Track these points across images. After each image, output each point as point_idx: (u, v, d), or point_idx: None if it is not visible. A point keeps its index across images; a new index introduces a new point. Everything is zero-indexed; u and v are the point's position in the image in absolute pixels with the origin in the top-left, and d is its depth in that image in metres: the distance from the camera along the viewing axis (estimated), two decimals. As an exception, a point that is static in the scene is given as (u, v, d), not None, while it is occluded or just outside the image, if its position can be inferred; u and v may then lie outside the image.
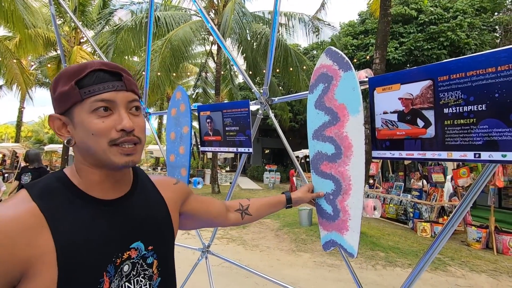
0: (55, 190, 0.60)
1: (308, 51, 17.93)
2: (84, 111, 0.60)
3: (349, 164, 1.08)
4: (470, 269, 4.67)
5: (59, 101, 0.61)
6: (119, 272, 0.62)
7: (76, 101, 0.60)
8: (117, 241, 0.63)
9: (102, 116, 0.60)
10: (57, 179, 0.62)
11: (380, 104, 1.04)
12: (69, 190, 0.61)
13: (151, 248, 0.69)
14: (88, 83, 0.60)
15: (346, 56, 1.10)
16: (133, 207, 0.69)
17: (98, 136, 0.59)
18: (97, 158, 0.61)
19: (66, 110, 0.61)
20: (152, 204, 0.74)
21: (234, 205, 1.04)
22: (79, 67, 0.62)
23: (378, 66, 6.34)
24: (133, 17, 10.80)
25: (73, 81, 0.59)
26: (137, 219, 0.68)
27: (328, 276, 4.18)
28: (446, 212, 7.14)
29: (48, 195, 0.58)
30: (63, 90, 0.60)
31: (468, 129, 0.83)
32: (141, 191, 0.73)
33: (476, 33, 12.22)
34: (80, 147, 0.63)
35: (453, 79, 0.85)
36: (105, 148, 0.60)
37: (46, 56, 15.76)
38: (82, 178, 0.64)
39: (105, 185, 0.65)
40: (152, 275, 0.69)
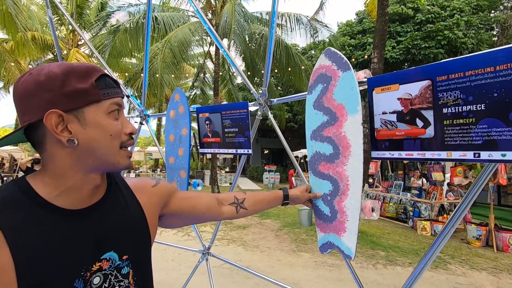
0: (15, 201, 0.55)
1: (306, 51, 17.96)
2: (101, 112, 0.59)
3: (347, 164, 1.08)
4: (471, 267, 4.68)
5: (71, 97, 0.56)
6: (88, 285, 0.58)
7: (94, 100, 0.58)
8: (86, 253, 0.59)
9: (116, 119, 0.62)
10: (19, 188, 0.57)
11: (379, 104, 1.04)
12: (32, 201, 0.56)
13: (126, 257, 0.65)
14: (104, 86, 0.60)
15: (344, 56, 1.10)
16: (105, 215, 0.64)
17: (115, 138, 0.60)
18: (104, 159, 0.60)
19: (76, 108, 0.57)
20: (126, 211, 0.69)
21: (228, 198, 0.98)
22: (89, 68, 0.60)
23: (376, 65, 6.35)
24: (131, 18, 10.79)
25: (91, 79, 0.58)
26: (109, 227, 0.64)
27: (329, 276, 4.18)
28: (446, 210, 7.16)
29: (6, 208, 0.53)
30: (81, 87, 0.57)
31: (467, 129, 0.83)
32: (115, 196, 0.69)
33: (473, 32, 12.26)
34: (83, 148, 0.58)
35: (452, 79, 0.85)
36: (116, 150, 0.61)
37: (43, 59, 15.73)
38: (52, 186, 0.58)
39: (82, 191, 0.61)
40: (129, 285, 0.65)
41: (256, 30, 11.08)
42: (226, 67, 13.16)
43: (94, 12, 13.15)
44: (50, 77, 0.56)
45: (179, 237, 5.96)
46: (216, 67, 11.87)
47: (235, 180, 1.95)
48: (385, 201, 8.41)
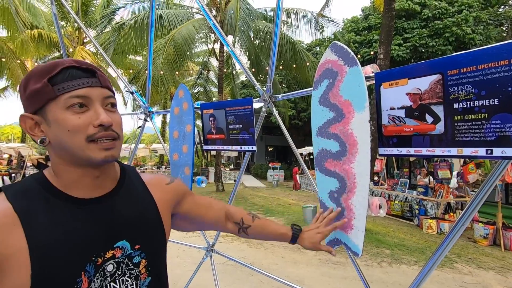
0: (32, 190, 0.59)
1: (311, 48, 17.83)
2: (59, 108, 0.58)
3: (354, 162, 1.06)
4: (477, 266, 4.62)
5: (31, 99, 0.59)
6: (101, 272, 0.61)
7: (49, 98, 0.58)
8: (97, 240, 0.61)
9: (78, 113, 0.59)
10: (35, 180, 0.62)
11: (387, 99, 1.01)
12: (47, 190, 0.60)
13: (138, 247, 0.67)
14: (61, 80, 0.59)
15: (351, 51, 1.07)
16: (117, 206, 0.67)
17: (75, 133, 0.58)
18: (75, 155, 0.60)
19: (39, 109, 0.60)
20: (140, 203, 0.72)
21: (236, 217, 0.97)
22: (51, 65, 0.60)
23: (383, 61, 6.27)
24: (135, 15, 10.80)
25: (45, 78, 0.58)
26: (121, 218, 0.66)
27: (333, 274, 4.17)
28: (453, 208, 7.08)
29: (23, 196, 0.58)
30: (35, 87, 0.58)
31: (479, 125, 0.80)
32: (128, 189, 0.71)
33: (482, 28, 12.04)
34: (55, 146, 0.61)
35: (463, 73, 0.82)
36: (82, 144, 0.59)
37: (50, 57, 15.87)
38: (60, 178, 0.62)
39: (84, 183, 0.63)
40: (139, 274, 0.67)
41: (261, 26, 11.01)
42: (231, 64, 13.12)
43: (99, 10, 13.21)
44: (20, 84, 0.62)
45: (183, 234, 5.99)
46: (221, 64, 11.85)
47: (239, 177, 1.94)
48: (390, 199, 8.34)
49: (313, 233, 1.02)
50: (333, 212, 1.09)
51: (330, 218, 1.07)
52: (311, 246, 1.01)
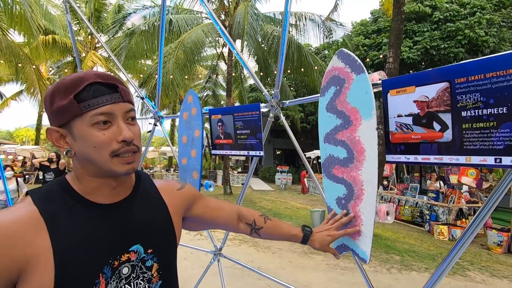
0: (55, 195, 0.63)
1: (320, 51, 17.79)
2: (84, 125, 0.61)
3: (362, 169, 1.06)
4: (491, 274, 4.50)
5: (57, 114, 0.62)
6: (117, 274, 0.64)
7: (75, 115, 0.61)
8: (114, 244, 0.65)
9: (102, 129, 0.62)
10: (59, 185, 0.66)
11: (394, 107, 1.01)
12: (69, 195, 0.64)
13: (151, 251, 0.70)
14: (86, 97, 0.61)
15: (358, 59, 1.08)
16: (133, 211, 0.70)
17: (100, 148, 0.61)
18: (99, 168, 0.64)
19: (65, 123, 0.63)
20: (152, 208, 0.75)
21: (249, 218, 0.99)
22: (75, 80, 0.62)
23: (392, 65, 6.21)
24: (146, 21, 11.00)
25: (71, 95, 0.60)
26: (136, 222, 0.70)
27: (341, 280, 4.12)
28: (465, 214, 6.92)
29: (48, 200, 0.62)
30: (62, 104, 0.61)
31: (488, 133, 0.80)
32: (143, 195, 0.75)
33: (495, 30, 11.79)
34: (80, 158, 0.65)
35: (471, 81, 0.82)
36: (106, 159, 0.62)
37: (63, 61, 16.30)
38: (81, 184, 0.66)
39: (103, 190, 0.67)
40: (152, 278, 0.70)
41: (269, 30, 11.06)
42: (239, 68, 13.21)
43: (111, 16, 13.51)
44: (45, 97, 0.65)
45: (191, 236, 6.02)
46: (229, 68, 11.93)
47: (247, 181, 1.95)
48: (400, 204, 8.21)
49: (323, 234, 1.04)
50: (346, 216, 1.09)
51: (342, 223, 1.08)
52: (319, 247, 1.03)
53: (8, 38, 9.36)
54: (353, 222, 1.10)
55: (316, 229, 1.07)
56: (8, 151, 17.14)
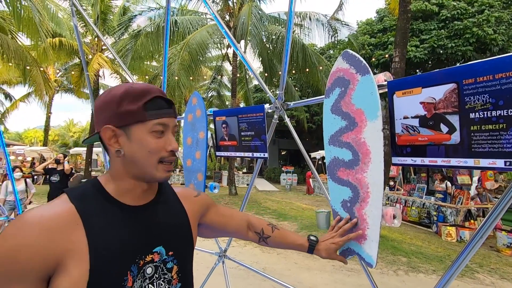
0: (90, 195, 0.68)
1: (325, 51, 17.71)
2: (145, 130, 0.68)
3: (367, 171, 1.05)
4: (501, 276, 4.42)
5: (122, 116, 0.67)
6: (141, 273, 0.68)
7: (139, 120, 0.67)
8: (140, 244, 0.68)
9: (157, 137, 0.69)
10: (92, 185, 0.70)
11: (400, 108, 1.00)
12: (102, 196, 0.69)
13: (172, 253, 0.74)
14: (152, 107, 0.68)
15: (364, 59, 1.06)
16: (156, 214, 0.74)
17: (152, 154, 0.68)
18: (143, 171, 0.69)
19: (125, 125, 0.68)
20: (174, 213, 0.80)
21: (257, 226, 1.04)
22: (144, 90, 0.69)
23: (398, 64, 6.15)
24: (151, 22, 11.08)
25: (140, 102, 0.67)
26: (159, 225, 0.74)
27: (347, 281, 4.09)
28: (473, 215, 6.81)
29: (83, 199, 0.66)
30: (130, 108, 0.67)
31: (497, 135, 0.78)
32: (165, 200, 0.79)
33: (504, 28, 11.59)
34: (127, 159, 0.69)
35: (479, 82, 0.80)
36: (153, 164, 0.69)
37: (70, 63, 16.51)
38: (115, 186, 0.70)
39: (134, 193, 0.72)
40: (171, 279, 0.73)
41: (273, 30, 11.05)
42: (244, 69, 13.22)
43: (116, 18, 13.64)
44: (111, 98, 0.69)
45: (197, 237, 6.03)
46: (234, 69, 11.95)
47: (251, 182, 1.94)
48: (407, 205, 8.12)
49: (328, 243, 1.05)
50: (348, 223, 1.09)
51: (345, 229, 1.07)
52: (326, 256, 1.04)
53: (16, 41, 9.52)
54: (357, 227, 1.09)
55: (322, 238, 1.08)
56: (18, 152, 17.42)
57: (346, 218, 1.11)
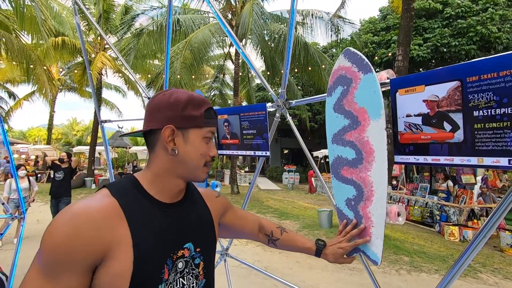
0: (128, 190, 0.71)
1: (327, 50, 17.64)
2: (200, 135, 0.75)
3: (371, 170, 1.04)
4: (504, 276, 4.39)
5: (185, 119, 0.73)
6: (175, 267, 0.72)
7: (198, 125, 0.74)
8: (174, 240, 0.72)
9: (207, 143, 0.77)
10: (130, 181, 0.74)
11: (403, 106, 0.99)
12: (139, 192, 0.72)
13: (199, 250, 0.78)
14: (209, 116, 0.76)
15: (366, 57, 1.06)
16: (186, 212, 0.79)
17: (203, 157, 0.76)
18: (190, 171, 0.75)
19: (185, 128, 0.74)
20: (200, 211, 0.84)
21: (267, 229, 1.09)
22: (203, 100, 0.77)
23: (401, 63, 6.12)
24: (154, 21, 11.09)
25: (202, 110, 0.75)
26: (188, 222, 0.78)
27: (349, 280, 4.08)
28: (477, 215, 6.77)
29: (123, 194, 0.69)
30: (194, 114, 0.74)
31: (501, 133, 0.77)
32: (192, 199, 0.84)
33: (509, 26, 11.48)
34: (179, 158, 0.74)
35: (483, 80, 0.79)
36: (200, 166, 0.76)
37: (73, 62, 16.57)
38: (153, 183, 0.74)
39: (171, 191, 0.76)
40: (198, 275, 0.78)
41: (275, 29, 11.02)
42: (246, 67, 13.19)
43: (119, 16, 13.65)
44: (176, 101, 0.74)
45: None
46: (236, 67, 11.94)
47: (253, 181, 1.94)
48: (409, 204, 8.08)
49: (335, 248, 1.06)
50: (356, 229, 1.09)
51: (352, 235, 1.08)
52: (333, 260, 1.06)
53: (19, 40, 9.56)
54: (364, 232, 1.08)
55: (329, 242, 1.10)
56: (21, 151, 17.55)
57: (353, 223, 1.11)
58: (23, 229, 2.69)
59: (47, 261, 0.58)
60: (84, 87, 17.25)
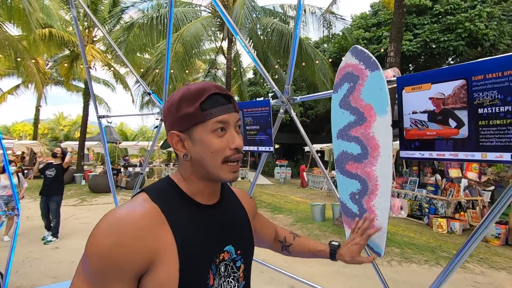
0: (168, 194, 0.68)
1: (319, 45, 17.68)
2: (205, 131, 0.66)
3: (376, 165, 1.08)
4: (489, 266, 4.59)
5: (183, 120, 0.67)
6: (218, 271, 0.68)
7: (199, 121, 0.66)
8: (216, 243, 0.69)
9: (220, 136, 0.67)
10: (168, 184, 0.71)
11: (409, 103, 1.02)
12: (178, 195, 0.69)
13: (239, 252, 0.74)
14: (209, 106, 0.66)
15: (372, 56, 1.09)
16: (225, 214, 0.75)
17: (216, 154, 0.67)
18: (208, 172, 0.68)
19: (187, 129, 0.67)
20: (237, 212, 0.80)
21: (280, 235, 1.05)
22: (199, 90, 0.67)
23: (393, 59, 6.21)
24: (144, 14, 10.87)
25: (197, 103, 0.65)
26: (228, 224, 0.74)
27: (343, 272, 4.19)
28: (463, 207, 7.00)
29: (163, 198, 0.66)
30: (188, 111, 0.66)
31: (504, 130, 0.81)
32: (229, 200, 0.80)
33: (495, 23, 11.75)
34: (194, 161, 0.69)
35: (488, 79, 0.83)
36: (218, 165, 0.67)
37: (60, 55, 16.09)
38: (189, 185, 0.70)
39: (204, 193, 0.72)
40: (239, 278, 0.74)
41: (268, 23, 10.96)
42: (238, 62, 13.11)
43: (107, 8, 13.30)
44: (172, 103, 0.68)
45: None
46: (229, 62, 11.86)
47: (255, 179, 1.97)
48: (399, 198, 8.29)
49: (350, 245, 0.99)
50: (366, 221, 1.03)
51: (364, 228, 1.02)
52: (350, 259, 0.98)
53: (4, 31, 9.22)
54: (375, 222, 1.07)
55: (343, 243, 1.03)
56: (7, 146, 17.05)
57: (363, 217, 1.06)
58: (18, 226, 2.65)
59: (92, 270, 0.57)
60: (70, 81, 16.82)
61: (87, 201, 9.35)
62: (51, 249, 4.95)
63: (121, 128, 31.31)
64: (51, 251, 4.84)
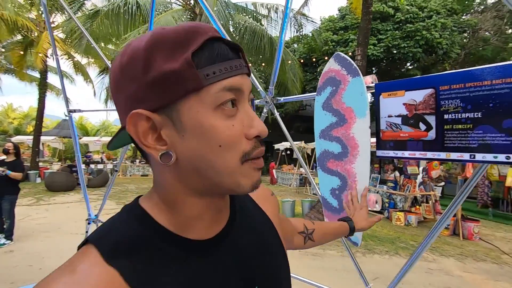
0: (136, 240, 0.39)
1: (289, 45, 18.04)
2: (204, 107, 0.37)
3: (355, 163, 1.18)
4: (440, 254, 5.09)
5: (159, 88, 0.36)
6: None
7: (191, 89, 0.36)
8: None
9: (230, 116, 0.38)
10: (136, 220, 0.41)
11: (385, 108, 1.14)
12: (157, 236, 0.40)
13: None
14: (209, 61, 0.36)
15: (354, 63, 1.18)
16: (241, 244, 0.47)
17: (229, 148, 0.38)
18: (217, 181, 0.40)
19: (167, 105, 0.37)
20: (260, 231, 0.52)
21: (299, 226, 0.78)
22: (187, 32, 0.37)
23: (360, 63, 6.57)
24: (110, 2, 10.30)
25: (186, 52, 0.35)
26: (248, 257, 0.47)
27: (312, 264, 4.39)
28: (419, 201, 7.65)
29: (127, 251, 0.37)
30: (169, 68, 0.35)
31: (465, 134, 0.95)
32: (243, 214, 0.51)
33: (448, 33, 12.89)
34: (185, 166, 0.39)
35: (453, 89, 0.96)
36: (235, 166, 0.39)
37: (10, 41, 14.66)
38: (176, 213, 0.42)
39: (205, 218, 0.43)
40: None
41: (241, 20, 10.97)
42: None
43: (68, -7, 12.38)
44: (131, 56, 0.37)
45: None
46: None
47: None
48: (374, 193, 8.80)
49: (358, 212, 1.03)
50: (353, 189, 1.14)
51: (364, 195, 1.11)
52: (367, 223, 0.98)
53: None
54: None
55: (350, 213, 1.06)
56: None
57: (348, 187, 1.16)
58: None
59: None
60: (24, 70, 15.42)
61: (43, 201, 8.69)
62: (4, 252, 4.56)
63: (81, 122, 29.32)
64: (5, 255, 4.46)
